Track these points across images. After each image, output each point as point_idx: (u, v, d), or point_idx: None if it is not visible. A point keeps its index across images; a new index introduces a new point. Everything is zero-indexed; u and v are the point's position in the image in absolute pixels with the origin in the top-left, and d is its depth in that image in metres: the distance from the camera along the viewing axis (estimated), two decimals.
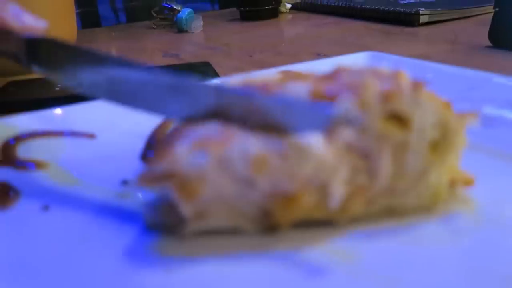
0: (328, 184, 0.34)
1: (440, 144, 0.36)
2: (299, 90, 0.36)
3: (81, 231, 0.38)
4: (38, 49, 0.42)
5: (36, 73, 0.43)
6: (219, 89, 0.37)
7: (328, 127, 0.33)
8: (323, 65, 0.70)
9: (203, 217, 0.35)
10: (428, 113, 0.35)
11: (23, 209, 0.41)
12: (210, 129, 0.35)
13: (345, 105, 0.33)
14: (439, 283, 0.30)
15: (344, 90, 0.35)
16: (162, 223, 0.37)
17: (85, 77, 0.41)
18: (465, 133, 0.37)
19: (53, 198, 0.42)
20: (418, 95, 0.34)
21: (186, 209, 0.34)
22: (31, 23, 0.43)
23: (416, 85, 0.34)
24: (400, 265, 0.32)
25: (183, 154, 0.33)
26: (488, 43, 0.93)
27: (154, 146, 0.51)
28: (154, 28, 1.46)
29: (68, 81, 0.42)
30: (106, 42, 1.30)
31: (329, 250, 0.34)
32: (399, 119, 0.35)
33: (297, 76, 0.42)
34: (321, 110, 0.33)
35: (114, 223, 0.39)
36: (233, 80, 0.45)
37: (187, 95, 0.37)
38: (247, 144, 0.33)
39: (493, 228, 0.35)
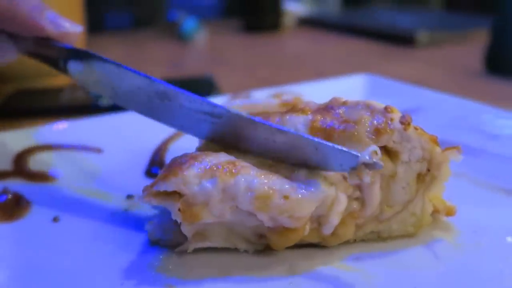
0: (327, 216, 0.36)
1: (425, 176, 0.39)
2: (299, 122, 0.39)
3: (88, 244, 0.40)
4: (77, 58, 0.44)
5: (71, 79, 0.46)
6: (251, 121, 0.39)
7: (354, 168, 0.35)
8: (322, 87, 0.73)
9: (202, 237, 0.38)
10: (416, 148, 0.38)
11: (35, 220, 0.44)
12: (220, 158, 0.37)
13: (371, 151, 0.35)
14: None
15: (339, 123, 0.38)
16: (164, 240, 0.40)
17: (118, 89, 0.43)
18: (449, 166, 0.39)
19: (63, 209, 0.45)
20: (407, 131, 0.37)
21: (187, 229, 0.37)
22: (68, 28, 0.44)
23: (405, 121, 0.37)
24: (378, 286, 0.35)
25: (193, 177, 0.36)
26: (484, 68, 0.96)
27: (158, 163, 0.54)
28: (158, 37, 1.47)
29: (101, 91, 0.45)
30: (108, 49, 1.32)
31: (317, 271, 0.37)
32: (388, 151, 0.38)
33: (296, 104, 0.44)
34: (350, 154, 0.35)
35: (119, 237, 0.41)
36: (235, 102, 0.48)
37: (220, 121, 0.40)
38: (253, 179, 0.35)
39: (471, 255, 0.38)
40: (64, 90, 0.83)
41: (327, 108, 0.40)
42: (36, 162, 0.52)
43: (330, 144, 0.36)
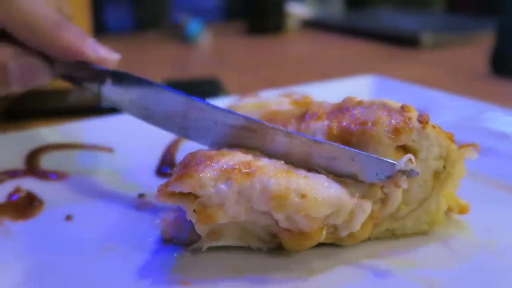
0: (347, 222, 0.36)
1: (441, 173, 0.39)
2: (316, 131, 0.39)
3: (101, 242, 0.40)
4: (114, 80, 0.46)
5: (105, 103, 0.47)
6: (288, 134, 0.39)
7: (390, 176, 0.35)
8: (329, 88, 0.73)
9: (216, 236, 0.38)
10: (433, 146, 0.38)
11: (48, 218, 0.44)
12: (236, 158, 0.37)
13: (407, 159, 0.35)
14: None
15: (356, 124, 0.38)
16: (177, 238, 0.40)
17: (153, 110, 0.45)
18: (464, 164, 0.40)
19: (76, 208, 0.45)
20: (426, 129, 0.37)
21: (200, 228, 0.37)
22: (106, 55, 0.46)
23: (423, 119, 0.37)
24: (395, 284, 0.35)
25: (208, 179, 0.36)
26: (489, 69, 0.96)
27: (169, 162, 0.54)
28: (161, 39, 1.48)
29: (134, 112, 0.47)
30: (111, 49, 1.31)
31: (333, 270, 0.37)
32: (406, 150, 0.38)
33: (308, 103, 0.45)
34: (386, 162, 0.35)
35: (131, 236, 0.41)
36: (246, 103, 0.48)
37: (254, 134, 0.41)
38: (270, 180, 0.35)
39: (487, 252, 0.38)
40: (71, 91, 0.82)
41: (342, 109, 0.41)
42: (48, 161, 0.52)
43: (366, 153, 0.36)
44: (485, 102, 0.66)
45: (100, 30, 1.60)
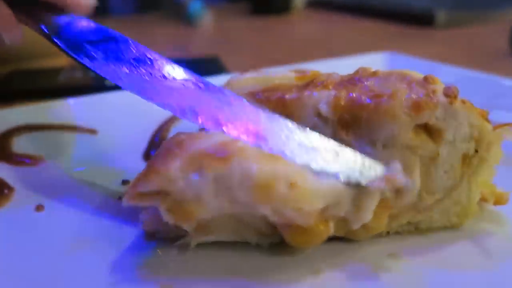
0: (355, 212, 0.30)
1: (472, 158, 0.33)
2: (319, 101, 0.33)
3: (75, 236, 0.35)
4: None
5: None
6: None
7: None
8: (338, 65, 0.67)
9: (206, 230, 0.32)
10: (463, 125, 0.32)
11: (17, 208, 0.38)
12: (210, 142, 0.31)
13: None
14: None
15: (369, 97, 0.32)
16: (161, 232, 0.34)
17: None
18: (501, 147, 0.33)
19: (49, 197, 0.39)
20: (453, 105, 0.31)
21: (184, 225, 0.31)
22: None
23: (451, 93, 0.31)
24: (423, 284, 0.29)
25: (176, 171, 0.29)
26: (508, 48, 0.89)
27: (158, 145, 0.48)
28: (163, 20, 1.43)
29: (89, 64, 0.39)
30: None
31: (345, 271, 0.31)
32: (430, 130, 0.32)
33: (315, 77, 0.38)
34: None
35: (110, 229, 0.35)
36: (246, 77, 0.42)
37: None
38: (252, 165, 0.28)
39: None
40: (62, 71, 0.78)
41: (353, 80, 0.34)
42: (21, 144, 0.47)
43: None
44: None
45: (103, 12, 1.59)
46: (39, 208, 0.38)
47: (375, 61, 0.68)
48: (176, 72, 0.37)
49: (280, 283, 0.30)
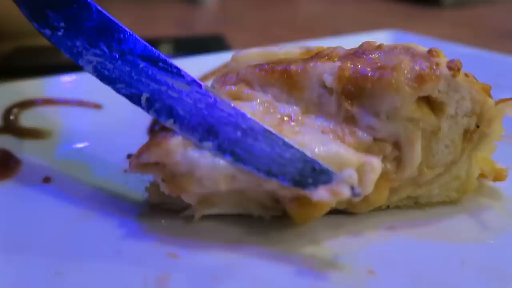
0: (361, 181, 0.30)
1: (473, 133, 0.33)
2: (324, 71, 0.33)
3: (81, 207, 0.35)
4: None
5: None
6: None
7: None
8: (342, 43, 0.66)
9: (210, 203, 0.33)
10: (465, 99, 0.32)
11: (25, 180, 0.39)
12: None
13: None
14: (459, 278, 0.28)
15: (373, 69, 0.32)
16: (167, 204, 0.35)
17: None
18: (502, 123, 0.34)
19: (56, 169, 0.40)
20: (457, 78, 0.31)
21: (189, 197, 0.32)
22: None
23: (455, 66, 0.31)
24: (421, 260, 0.30)
25: (177, 145, 0.30)
26: None
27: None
28: None
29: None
30: (117, 9, 1.26)
31: (345, 243, 0.32)
32: (432, 103, 0.32)
33: (320, 52, 0.38)
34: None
35: (116, 200, 0.36)
36: (251, 52, 0.42)
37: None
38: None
39: None
40: None
41: (358, 53, 0.34)
42: (28, 118, 0.47)
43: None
44: None
45: None
46: (46, 179, 0.39)
47: (380, 39, 0.67)
48: (137, 47, 0.34)
49: (281, 252, 0.31)
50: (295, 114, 0.33)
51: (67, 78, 0.54)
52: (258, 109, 0.33)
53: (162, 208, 0.35)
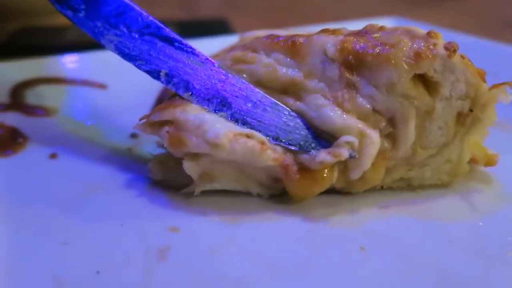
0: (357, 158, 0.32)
1: (466, 117, 0.34)
2: (327, 42, 0.34)
3: (87, 183, 0.37)
4: None
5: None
6: None
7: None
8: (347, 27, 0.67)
9: (210, 178, 0.34)
10: (460, 81, 0.33)
11: (32, 156, 0.40)
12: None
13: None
14: (446, 256, 0.29)
15: (374, 46, 0.33)
16: (168, 180, 0.36)
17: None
18: (495, 108, 0.35)
19: (62, 146, 0.41)
20: (452, 58, 0.32)
21: (190, 168, 0.33)
22: None
23: (451, 47, 0.32)
24: (410, 238, 0.31)
25: (194, 108, 0.33)
26: None
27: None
28: None
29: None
30: None
31: (339, 220, 0.33)
32: (427, 83, 0.33)
33: (325, 29, 0.39)
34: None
35: (120, 177, 0.37)
36: (259, 34, 0.43)
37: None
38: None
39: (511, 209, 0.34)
40: (71, 28, 0.78)
41: (361, 32, 0.36)
42: (35, 96, 0.48)
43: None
44: None
45: None
46: (53, 156, 0.40)
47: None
48: (153, 28, 0.37)
49: (276, 228, 0.32)
50: (298, 77, 0.34)
51: (72, 58, 0.55)
52: (261, 71, 0.35)
53: (164, 185, 0.36)
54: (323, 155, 0.32)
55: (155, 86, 0.52)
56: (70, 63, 0.55)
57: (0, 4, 0.81)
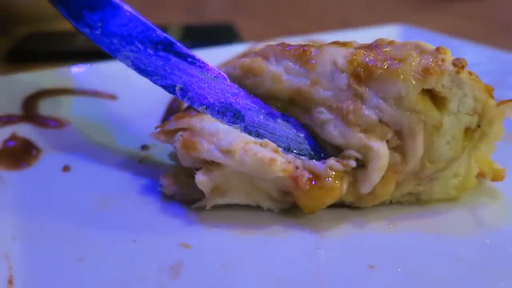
0: (365, 171, 0.33)
1: (474, 132, 0.35)
2: (337, 53, 0.35)
3: (99, 196, 0.37)
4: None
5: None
6: None
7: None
8: (352, 37, 0.67)
9: (221, 192, 0.35)
10: (467, 97, 0.34)
11: (45, 168, 0.41)
12: None
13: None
14: (454, 275, 0.30)
15: (383, 60, 0.33)
16: (180, 194, 0.37)
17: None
18: (502, 124, 0.35)
19: (74, 158, 0.42)
20: (460, 74, 0.33)
21: (203, 184, 0.34)
22: None
23: (459, 63, 0.33)
24: (418, 255, 0.32)
25: (210, 119, 0.35)
26: None
27: (176, 111, 0.50)
28: None
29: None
30: None
31: (347, 235, 0.33)
32: (435, 98, 0.34)
33: (336, 42, 0.40)
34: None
35: (131, 190, 0.38)
36: (267, 42, 0.43)
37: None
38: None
39: None
40: (80, 33, 0.79)
41: (371, 46, 0.36)
42: (47, 107, 0.49)
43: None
44: None
45: None
46: (65, 168, 0.41)
47: (388, 32, 0.68)
48: (166, 46, 0.39)
49: (286, 243, 0.33)
50: (304, 85, 0.35)
51: (82, 69, 0.56)
52: (268, 82, 0.36)
53: (175, 199, 0.37)
54: (332, 162, 0.33)
55: (165, 97, 0.53)
56: (80, 73, 0.55)
57: (10, 9, 0.81)
